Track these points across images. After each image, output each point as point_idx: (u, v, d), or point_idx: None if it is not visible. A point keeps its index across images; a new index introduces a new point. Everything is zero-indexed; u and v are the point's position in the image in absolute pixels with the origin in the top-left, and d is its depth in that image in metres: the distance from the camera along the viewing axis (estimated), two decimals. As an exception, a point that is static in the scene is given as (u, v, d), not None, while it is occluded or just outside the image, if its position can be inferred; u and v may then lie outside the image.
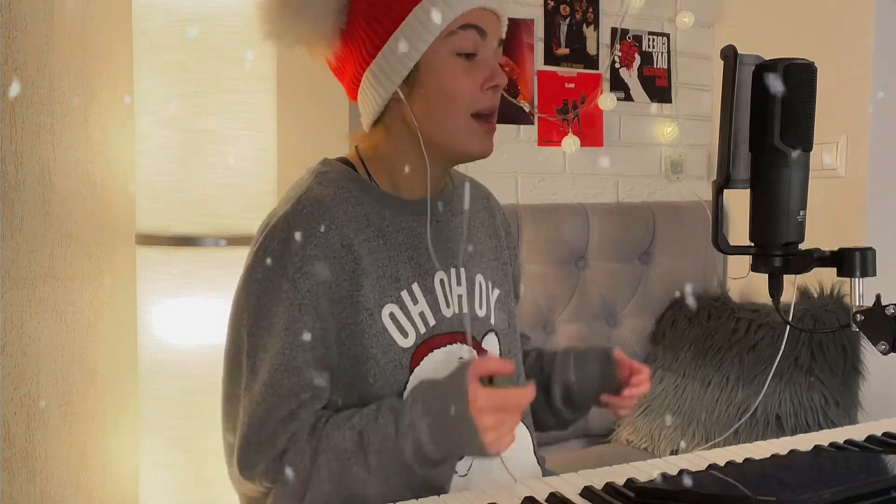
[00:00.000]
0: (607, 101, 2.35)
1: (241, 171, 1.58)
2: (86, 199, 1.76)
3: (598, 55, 2.38)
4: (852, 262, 0.92)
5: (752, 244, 0.96)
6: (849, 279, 0.93)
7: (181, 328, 1.57)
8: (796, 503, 0.84)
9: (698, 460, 1.05)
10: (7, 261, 1.68)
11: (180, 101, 1.54)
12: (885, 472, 0.97)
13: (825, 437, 1.17)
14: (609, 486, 0.96)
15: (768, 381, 1.97)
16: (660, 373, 2.22)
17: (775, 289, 0.98)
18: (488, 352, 1.14)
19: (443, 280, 1.11)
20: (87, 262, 1.77)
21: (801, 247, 0.95)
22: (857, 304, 0.93)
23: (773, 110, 0.91)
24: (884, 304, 0.90)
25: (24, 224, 1.69)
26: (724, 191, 0.95)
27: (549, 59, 2.32)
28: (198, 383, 1.57)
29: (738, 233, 1.96)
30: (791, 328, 1.89)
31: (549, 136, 2.32)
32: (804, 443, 1.13)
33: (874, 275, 0.93)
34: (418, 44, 1.02)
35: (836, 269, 0.94)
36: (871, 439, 1.15)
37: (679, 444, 2.05)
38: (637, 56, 2.44)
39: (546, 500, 0.94)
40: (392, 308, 1.05)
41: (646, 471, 1.02)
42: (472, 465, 1.08)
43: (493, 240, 1.23)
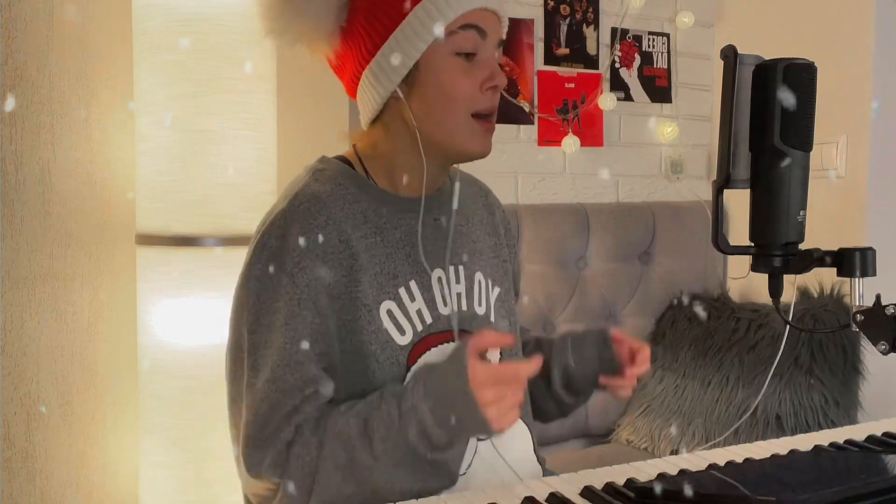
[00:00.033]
0: (607, 101, 2.35)
1: (241, 171, 1.58)
2: (86, 199, 1.76)
3: (598, 55, 2.38)
4: (852, 262, 0.92)
5: (752, 244, 0.96)
6: (849, 279, 0.93)
7: (181, 328, 1.57)
8: (796, 503, 0.84)
9: (698, 460, 1.05)
10: (7, 261, 1.68)
11: (180, 101, 1.55)
12: (885, 472, 0.97)
13: (825, 437, 1.17)
14: (609, 486, 0.96)
15: (768, 381, 1.97)
16: (660, 373, 2.22)
17: (775, 289, 0.98)
18: (488, 328, 1.13)
19: (441, 278, 1.11)
20: (87, 262, 1.77)
21: (801, 247, 0.95)
22: (857, 304, 0.93)
23: (773, 110, 0.91)
24: (884, 304, 0.90)
25: (24, 224, 1.69)
26: (724, 191, 0.95)
27: (549, 59, 2.32)
28: (198, 383, 1.57)
29: (738, 233, 1.96)
30: (791, 328, 1.89)
31: (549, 136, 2.32)
32: (804, 443, 1.13)
33: (874, 275, 0.93)
34: (418, 43, 1.02)
35: (836, 269, 0.94)
36: (871, 439, 1.15)
37: (679, 445, 2.05)
38: (637, 56, 2.44)
39: (546, 500, 0.94)
40: (390, 305, 1.05)
41: (646, 471, 1.02)
42: (471, 462, 1.08)
43: (493, 237, 1.23)
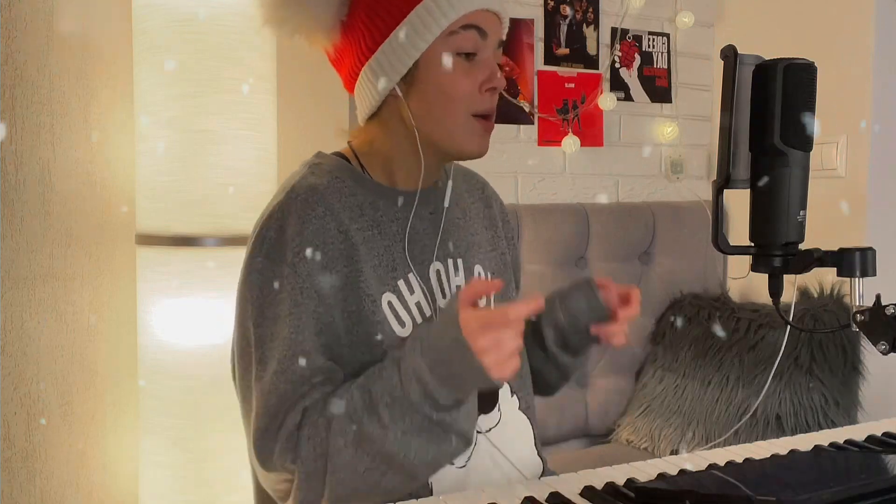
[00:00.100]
0: (607, 101, 2.35)
1: (241, 171, 1.58)
2: (86, 199, 1.76)
3: (598, 55, 2.38)
4: (852, 262, 0.92)
5: (752, 244, 0.96)
6: (849, 279, 0.93)
7: (181, 328, 1.57)
8: (796, 503, 0.84)
9: (698, 460, 1.05)
10: (7, 261, 1.68)
11: (180, 101, 1.55)
12: (885, 472, 0.97)
13: (825, 437, 1.17)
14: (609, 486, 0.96)
15: (769, 382, 1.97)
16: (660, 373, 2.22)
17: (775, 289, 0.98)
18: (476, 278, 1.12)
19: (440, 271, 1.11)
20: (87, 262, 1.77)
21: (801, 247, 0.96)
22: (857, 304, 0.93)
23: (773, 110, 0.91)
24: (884, 304, 0.90)
25: (24, 224, 1.69)
26: (724, 191, 0.95)
27: (549, 59, 2.32)
28: (198, 383, 1.57)
29: (738, 233, 1.96)
30: (791, 328, 1.89)
31: (549, 136, 2.32)
32: (804, 443, 1.13)
33: (874, 275, 0.93)
34: (418, 42, 1.02)
35: (836, 269, 0.94)
36: (871, 439, 1.15)
37: (679, 445, 2.05)
38: (637, 56, 2.44)
39: (546, 500, 0.94)
40: (390, 297, 1.05)
41: (646, 471, 1.02)
42: (471, 455, 1.08)
43: (490, 230, 1.23)
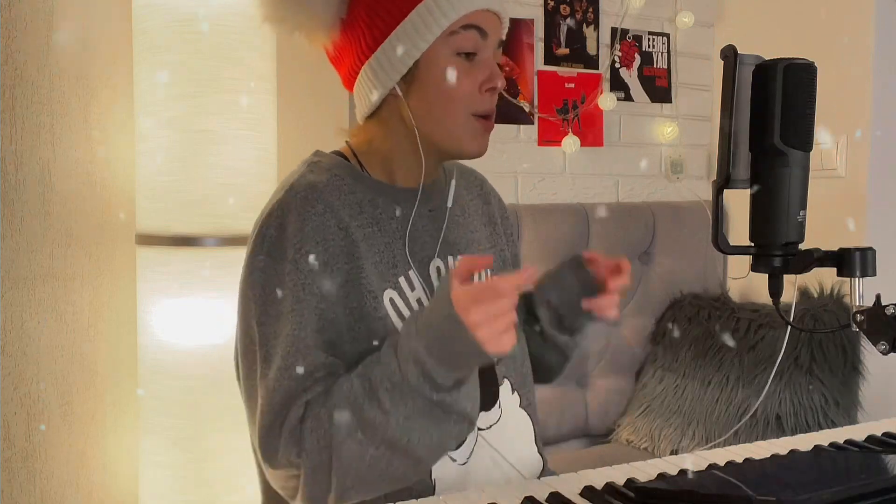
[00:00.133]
0: (607, 101, 2.35)
1: (241, 171, 1.58)
2: (86, 199, 1.76)
3: (598, 55, 2.38)
4: (852, 262, 0.92)
5: (752, 244, 0.96)
6: (849, 279, 0.93)
7: (181, 328, 1.57)
8: (796, 503, 0.84)
9: (698, 460, 1.05)
10: (7, 261, 1.68)
11: (180, 101, 1.55)
12: (885, 472, 0.97)
13: (825, 437, 1.17)
14: (609, 486, 0.96)
15: (769, 382, 1.97)
16: (660, 373, 2.22)
17: (775, 289, 0.98)
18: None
19: (439, 268, 1.11)
20: (87, 262, 1.77)
21: (801, 247, 0.95)
22: (857, 304, 0.93)
23: (773, 110, 0.91)
24: (884, 304, 0.90)
25: (24, 224, 1.69)
26: (724, 191, 0.95)
27: (549, 59, 2.32)
28: (198, 383, 1.57)
29: (738, 233, 1.96)
30: (791, 328, 1.89)
31: (549, 136, 2.32)
32: (804, 443, 1.13)
33: (874, 275, 0.93)
34: (419, 42, 1.02)
35: (836, 269, 0.94)
36: (871, 439, 1.15)
37: (679, 445, 2.05)
38: (637, 56, 2.44)
39: (546, 500, 0.94)
40: (391, 293, 1.05)
41: (646, 471, 1.02)
42: (471, 453, 1.07)
43: (489, 227, 1.23)
